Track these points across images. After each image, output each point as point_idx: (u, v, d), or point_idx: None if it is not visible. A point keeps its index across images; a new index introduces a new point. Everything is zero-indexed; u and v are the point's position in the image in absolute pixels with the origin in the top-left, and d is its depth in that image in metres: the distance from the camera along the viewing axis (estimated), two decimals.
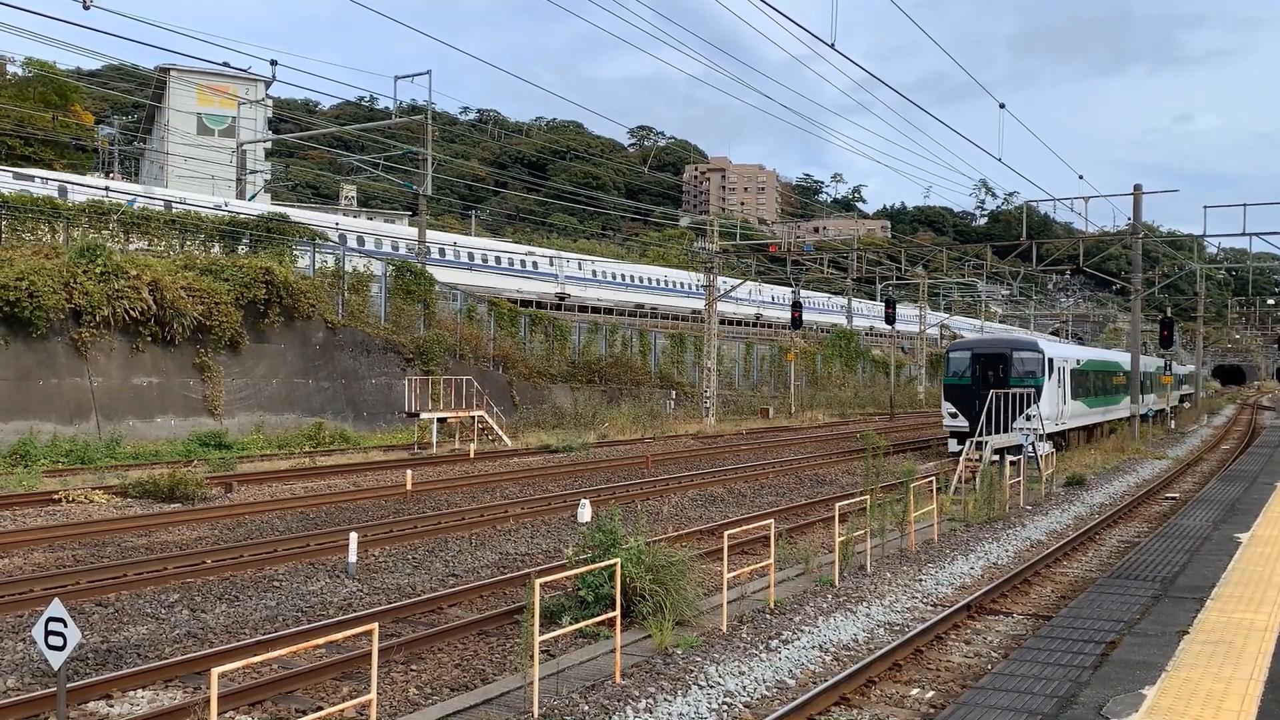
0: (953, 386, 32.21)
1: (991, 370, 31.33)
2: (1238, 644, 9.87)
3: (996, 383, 30.30)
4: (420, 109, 48.07)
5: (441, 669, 10.81)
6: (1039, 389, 30.37)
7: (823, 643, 11.67)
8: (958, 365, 32.44)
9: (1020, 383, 30.33)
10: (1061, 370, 32.91)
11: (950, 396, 32.08)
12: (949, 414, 32.02)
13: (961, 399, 31.38)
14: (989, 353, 31.90)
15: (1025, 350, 31.58)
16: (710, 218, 64.97)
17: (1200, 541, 16.20)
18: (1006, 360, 31.26)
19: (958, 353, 33.05)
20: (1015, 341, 32.76)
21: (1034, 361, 31.20)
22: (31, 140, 57.55)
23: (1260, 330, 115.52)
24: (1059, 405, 32.64)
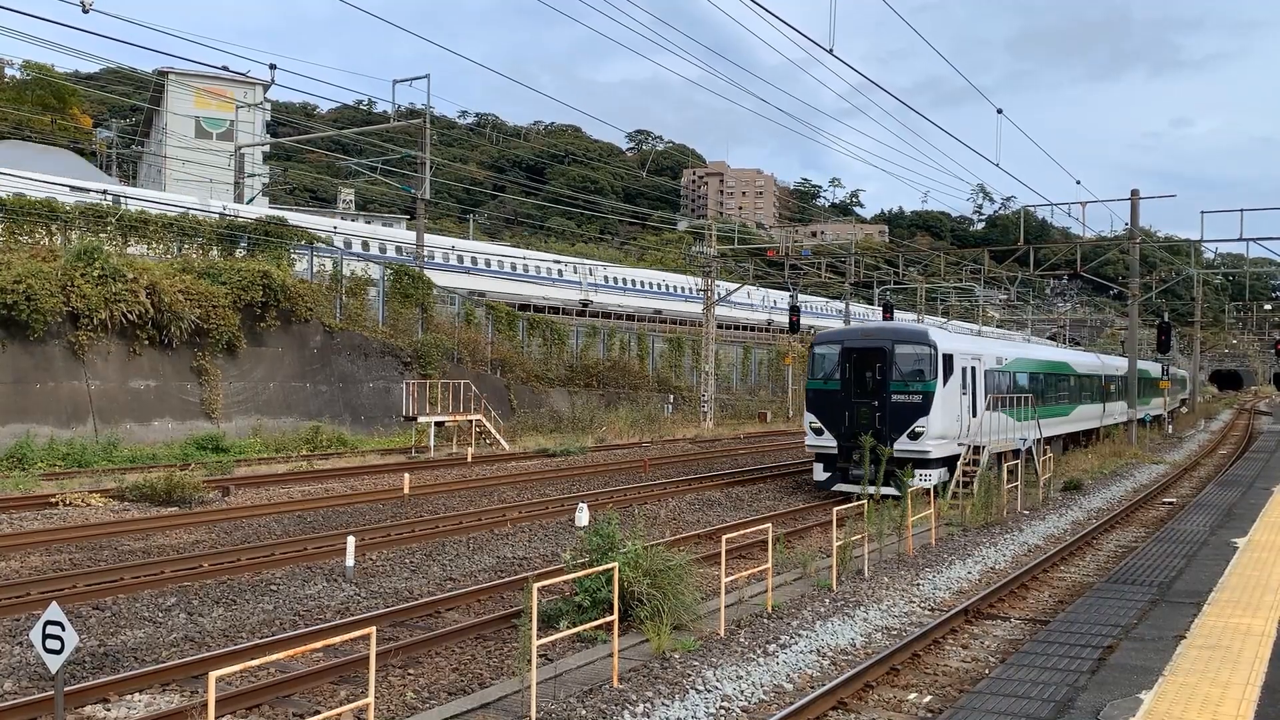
0: (818, 393, 24.27)
1: (869, 370, 23.66)
2: (1235, 649, 9.88)
3: (875, 388, 23.34)
4: (418, 112, 48.08)
5: (439, 673, 10.80)
6: (928, 395, 22.85)
7: (820, 647, 11.68)
8: (824, 363, 24.38)
9: (903, 387, 23.02)
10: (969, 371, 24.74)
11: (814, 405, 24.26)
12: (812, 429, 24.13)
13: (828, 409, 23.85)
14: (864, 346, 23.81)
15: (910, 343, 23.51)
16: (708, 222, 65.08)
17: (1198, 546, 16.22)
18: (886, 357, 23.36)
19: (824, 347, 24.52)
20: (899, 332, 24.76)
21: (921, 358, 23.21)
22: (30, 143, 57.51)
23: (1257, 335, 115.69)
24: (964, 418, 24.25)
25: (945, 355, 23.41)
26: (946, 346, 23.77)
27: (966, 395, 24.50)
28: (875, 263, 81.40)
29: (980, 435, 24.75)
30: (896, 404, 22.94)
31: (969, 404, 24.61)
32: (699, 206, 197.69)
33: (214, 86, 67.35)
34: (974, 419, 24.93)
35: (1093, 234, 53.90)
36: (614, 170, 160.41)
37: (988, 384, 26.15)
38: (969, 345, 26.33)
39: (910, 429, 22.77)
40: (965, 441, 24.10)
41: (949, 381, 23.39)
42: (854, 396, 23.49)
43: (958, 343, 25.38)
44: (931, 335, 23.78)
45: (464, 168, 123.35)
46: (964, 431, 24.22)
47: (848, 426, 23.27)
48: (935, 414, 22.81)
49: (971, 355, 25.33)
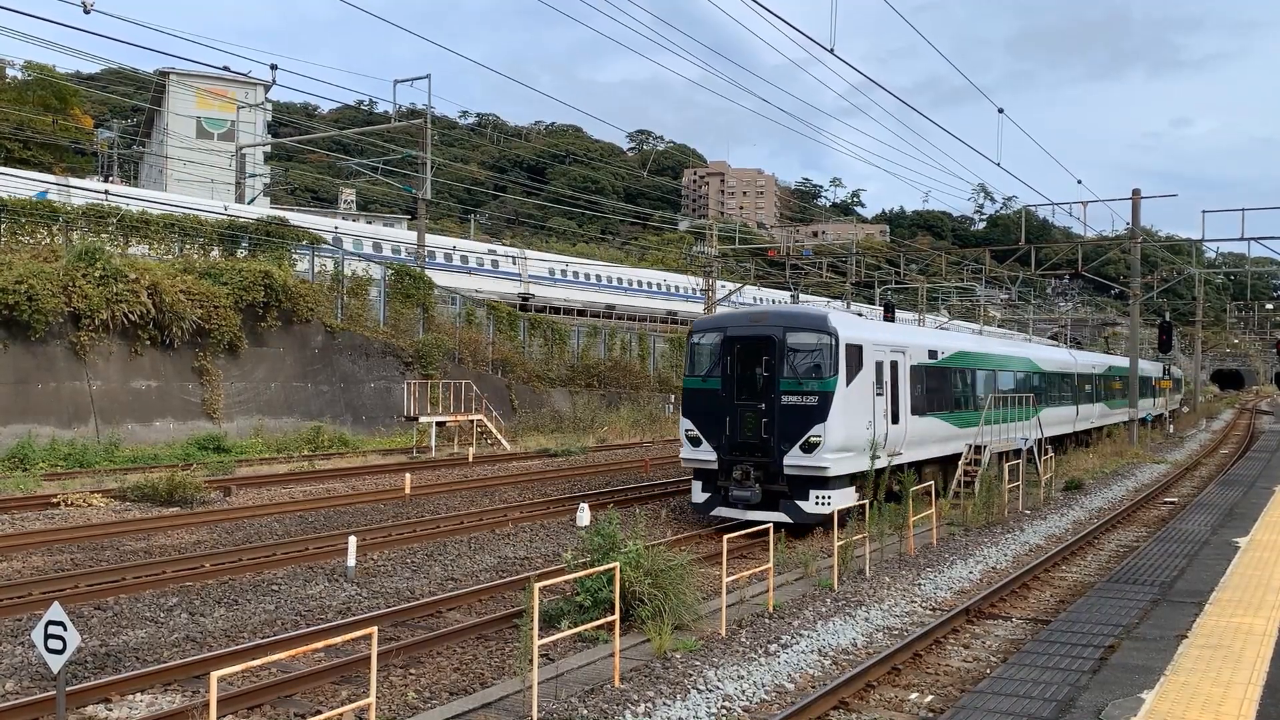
0: (696, 394, 19.68)
1: (756, 365, 19.13)
2: (1236, 648, 9.88)
3: (764, 387, 18.87)
4: (419, 113, 48.09)
5: (440, 673, 10.81)
6: (825, 396, 18.38)
7: (821, 647, 11.68)
8: (703, 357, 19.82)
9: (795, 386, 18.55)
10: (887, 367, 20.51)
11: (691, 409, 19.69)
12: (688, 439, 19.60)
13: (707, 414, 19.28)
14: (750, 335, 19.21)
15: (804, 330, 18.97)
16: (709, 222, 65.00)
17: (1199, 546, 16.21)
18: (775, 348, 18.82)
19: (703, 336, 19.93)
20: (791, 317, 19.71)
21: (818, 349, 18.72)
22: (31, 144, 57.56)
23: (1259, 335, 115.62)
24: (878, 424, 19.81)
25: (850, 346, 18.92)
26: (851, 335, 19.15)
27: (883, 396, 20.09)
28: (876, 262, 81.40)
29: (905, 445, 20.98)
30: (787, 407, 18.45)
31: (886, 407, 20.24)
32: (700, 206, 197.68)
33: (215, 87, 67.38)
34: (895, 426, 20.55)
35: (1094, 233, 53.91)
36: (615, 170, 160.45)
37: (916, 383, 21.82)
38: (887, 335, 21.64)
39: (804, 438, 18.24)
40: (885, 453, 19.66)
41: (855, 379, 18.99)
42: (737, 398, 18.99)
43: (869, 331, 20.47)
44: (831, 321, 18.97)
45: (465, 168, 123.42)
46: (879, 441, 19.55)
47: (729, 436, 18.88)
48: (835, 420, 18.29)
49: (891, 347, 20.89)
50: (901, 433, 20.95)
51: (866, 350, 19.58)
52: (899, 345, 21.50)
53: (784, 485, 18.47)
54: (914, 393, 21.68)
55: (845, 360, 18.71)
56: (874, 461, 18.75)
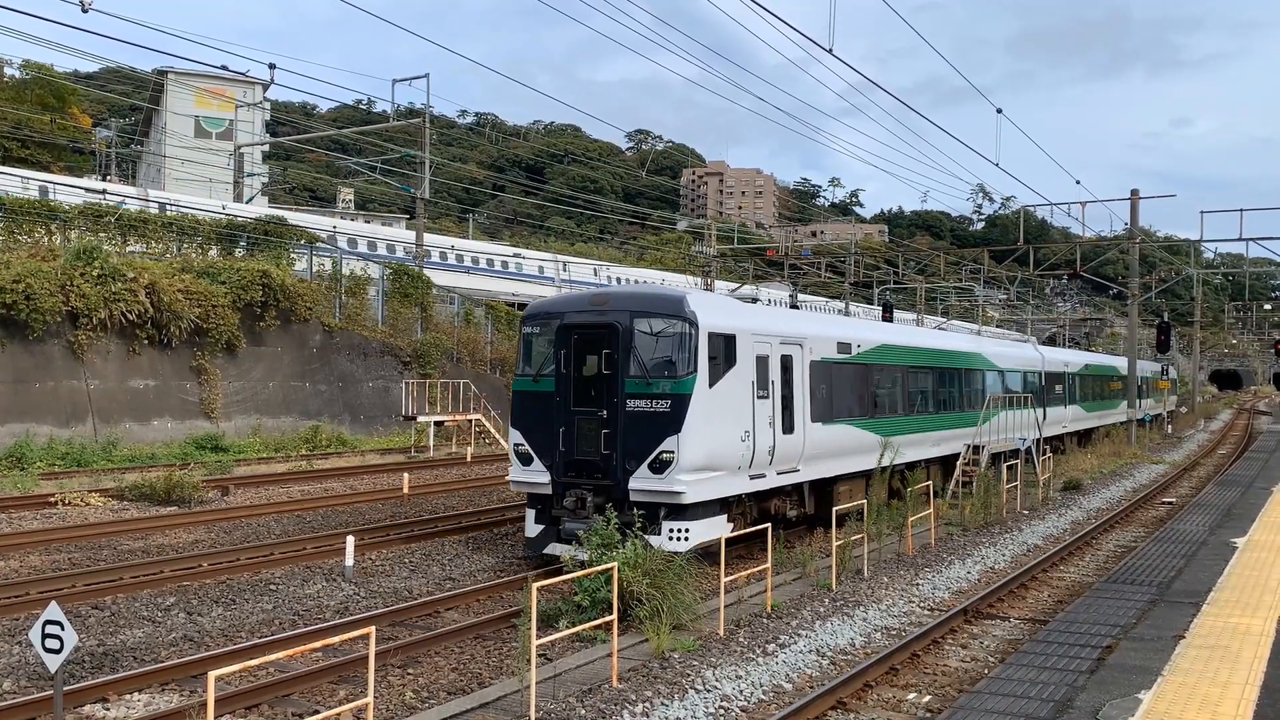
0: (526, 398, 15.79)
1: (598, 362, 15.29)
2: (1234, 649, 9.89)
3: (606, 389, 14.98)
4: (418, 112, 48.05)
5: (438, 672, 10.80)
6: (680, 401, 14.57)
7: (819, 647, 11.68)
8: (536, 350, 15.98)
9: (643, 387, 14.72)
10: (774, 363, 16.65)
11: (521, 417, 15.84)
12: (517, 455, 15.77)
13: (539, 423, 15.48)
14: (590, 323, 15.36)
15: (655, 316, 15.04)
16: (708, 221, 64.96)
17: (1197, 546, 16.23)
18: (619, 339, 14.98)
19: (535, 324, 16.06)
20: (640, 299, 15.52)
21: (673, 341, 14.94)
22: (29, 143, 57.51)
23: (1257, 335, 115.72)
24: (760, 436, 15.93)
25: (716, 336, 15.11)
26: (718, 322, 15.27)
27: (769, 399, 16.28)
28: (875, 262, 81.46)
29: (804, 460, 17.34)
30: (633, 415, 14.62)
31: (774, 413, 16.38)
32: (699, 206, 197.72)
33: (213, 86, 67.30)
34: (789, 436, 16.79)
35: (1092, 234, 53.90)
36: (613, 170, 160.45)
37: (820, 383, 18.05)
38: (776, 323, 17.58)
39: (653, 455, 14.41)
40: (774, 470, 16.35)
41: (725, 377, 15.17)
42: (575, 404, 15.15)
43: (747, 318, 16.50)
44: (690, 304, 15.03)
45: (463, 167, 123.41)
46: (763, 455, 15.95)
47: (564, 452, 15.06)
48: (693, 430, 14.42)
49: (782, 338, 16.98)
50: (797, 444, 17.11)
51: (742, 342, 15.67)
52: (793, 336, 17.45)
53: (630, 514, 14.27)
54: (816, 395, 17.88)
55: (709, 353, 14.88)
56: (756, 482, 15.60)
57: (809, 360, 17.81)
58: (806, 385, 17.64)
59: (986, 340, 33.37)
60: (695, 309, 15.06)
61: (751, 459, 15.74)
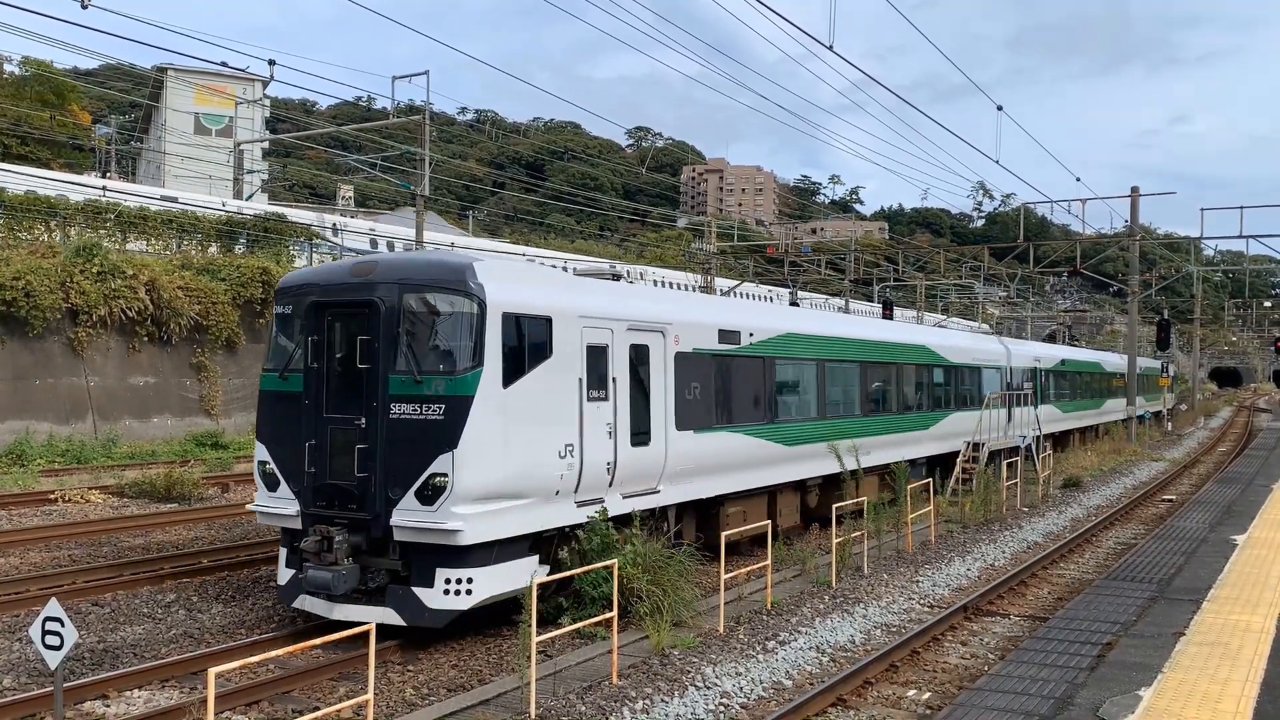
0: (273, 400, 12.25)
1: (357, 352, 11.69)
2: (1234, 646, 9.89)
3: (367, 390, 11.43)
4: (418, 109, 47.97)
5: (438, 669, 10.80)
6: (458, 405, 11.04)
7: (820, 644, 11.69)
8: (287, 337, 12.37)
9: (411, 388, 11.21)
10: (621, 355, 13.29)
11: (267, 426, 12.29)
12: (262, 475, 12.21)
13: (287, 434, 11.92)
14: (346, 300, 11.78)
15: (430, 291, 11.42)
16: (708, 219, 64.94)
17: (1197, 543, 16.23)
18: (380, 321, 11.43)
19: (286, 303, 12.42)
20: (414, 267, 11.87)
21: (452, 323, 11.40)
22: (29, 140, 57.47)
23: (1257, 332, 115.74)
24: (597, 448, 12.65)
25: (518, 319, 11.59)
26: (520, 301, 11.69)
27: (607, 403, 12.80)
28: (875, 260, 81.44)
29: (666, 478, 13.92)
30: (398, 423, 11.11)
31: (614, 421, 12.89)
32: (699, 203, 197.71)
33: (213, 83, 67.24)
34: (641, 449, 13.37)
35: (1092, 231, 53.95)
36: (613, 167, 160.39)
37: (689, 380, 14.61)
38: (613, 303, 13.47)
39: (421, 480, 10.89)
40: (612, 494, 12.85)
41: (530, 375, 11.64)
42: (328, 408, 11.60)
43: (568, 295, 12.70)
44: (477, 274, 11.37)
45: (463, 164, 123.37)
46: (599, 477, 12.59)
47: (314, 473, 11.53)
48: (474, 445, 10.90)
49: (630, 323, 13.42)
50: (654, 458, 13.66)
51: (563, 327, 12.16)
52: (649, 321, 13.81)
53: (396, 559, 11.11)
54: (686, 396, 14.46)
55: (505, 341, 11.34)
56: (588, 510, 12.31)
57: (674, 352, 14.25)
58: (670, 384, 14.09)
59: (934, 331, 29.66)
60: (484, 281, 11.33)
61: (578, 480, 12.14)
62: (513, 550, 11.56)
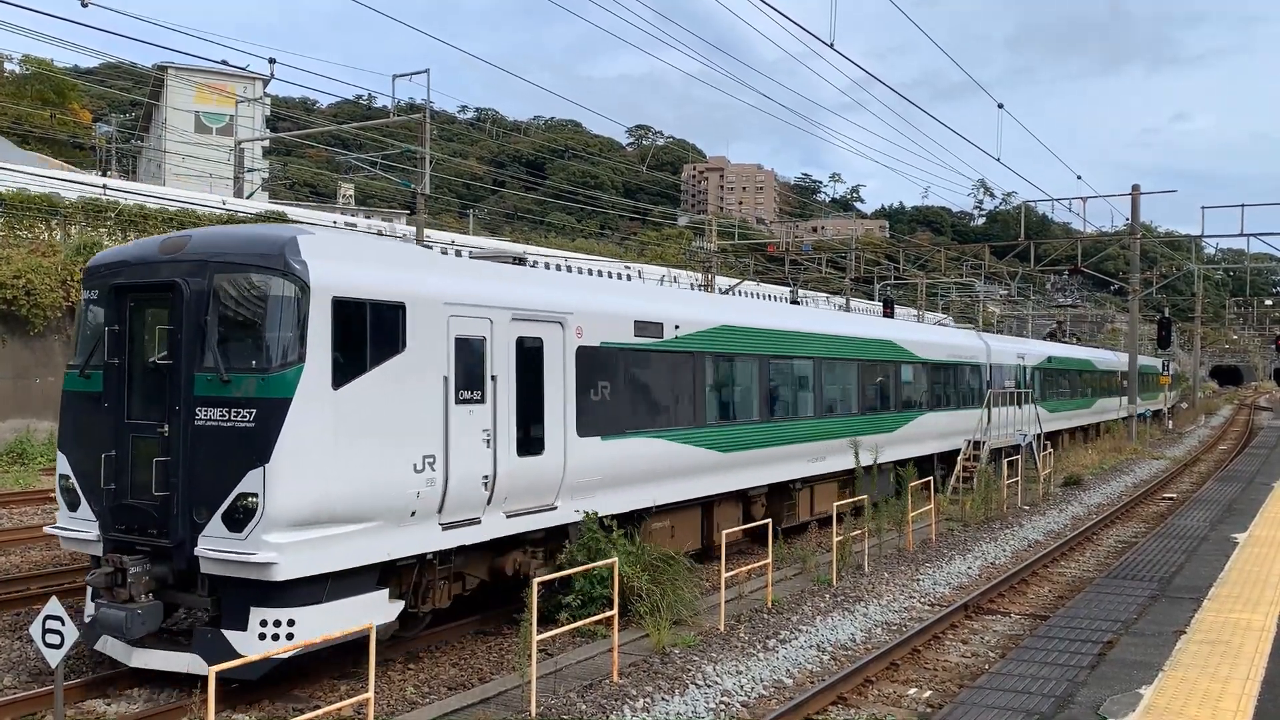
0: (75, 401, 10.26)
1: (161, 344, 9.77)
2: (1235, 644, 9.88)
3: (172, 391, 9.50)
4: (418, 107, 47.95)
5: (439, 668, 10.81)
6: (273, 413, 9.14)
7: (820, 642, 11.69)
8: (92, 329, 10.30)
9: (223, 389, 9.30)
10: (505, 350, 11.45)
11: (68, 433, 10.33)
12: (63, 490, 10.26)
13: (89, 443, 9.94)
14: (149, 283, 9.85)
15: (244, 270, 9.53)
16: (709, 217, 64.89)
17: (1198, 542, 16.22)
18: (187, 309, 9.49)
19: (93, 287, 10.35)
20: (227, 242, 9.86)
21: (264, 311, 9.48)
22: (29, 138, 57.50)
23: (1258, 331, 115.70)
24: (466, 461, 10.71)
25: (356, 305, 9.78)
26: (358, 283, 9.87)
27: (484, 406, 10.99)
28: (876, 258, 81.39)
29: (564, 492, 12.15)
30: (203, 432, 9.40)
31: (493, 427, 11.06)
32: (699, 202, 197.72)
33: (214, 81, 67.25)
34: (530, 460, 11.61)
35: (1093, 229, 53.90)
36: (614, 165, 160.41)
37: (596, 378, 12.85)
38: (492, 288, 11.52)
39: (229, 501, 9.19)
40: (492, 513, 11.11)
41: (374, 372, 9.85)
42: (130, 413, 9.87)
43: (428, 277, 10.77)
44: (300, 250, 9.59)
45: (464, 163, 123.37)
46: (471, 493, 10.79)
47: (113, 490, 9.75)
48: (292, 459, 9.17)
49: (510, 311, 11.53)
50: (550, 470, 11.86)
51: (421, 315, 10.30)
52: (542, 309, 12.00)
53: (204, 595, 9.40)
54: (592, 396, 12.70)
55: (336, 332, 9.52)
56: (457, 533, 10.59)
57: (576, 346, 12.47)
58: (571, 383, 12.32)
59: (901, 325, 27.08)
60: (310, 258, 9.47)
61: (442, 498, 10.35)
62: (352, 584, 9.66)
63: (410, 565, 10.43)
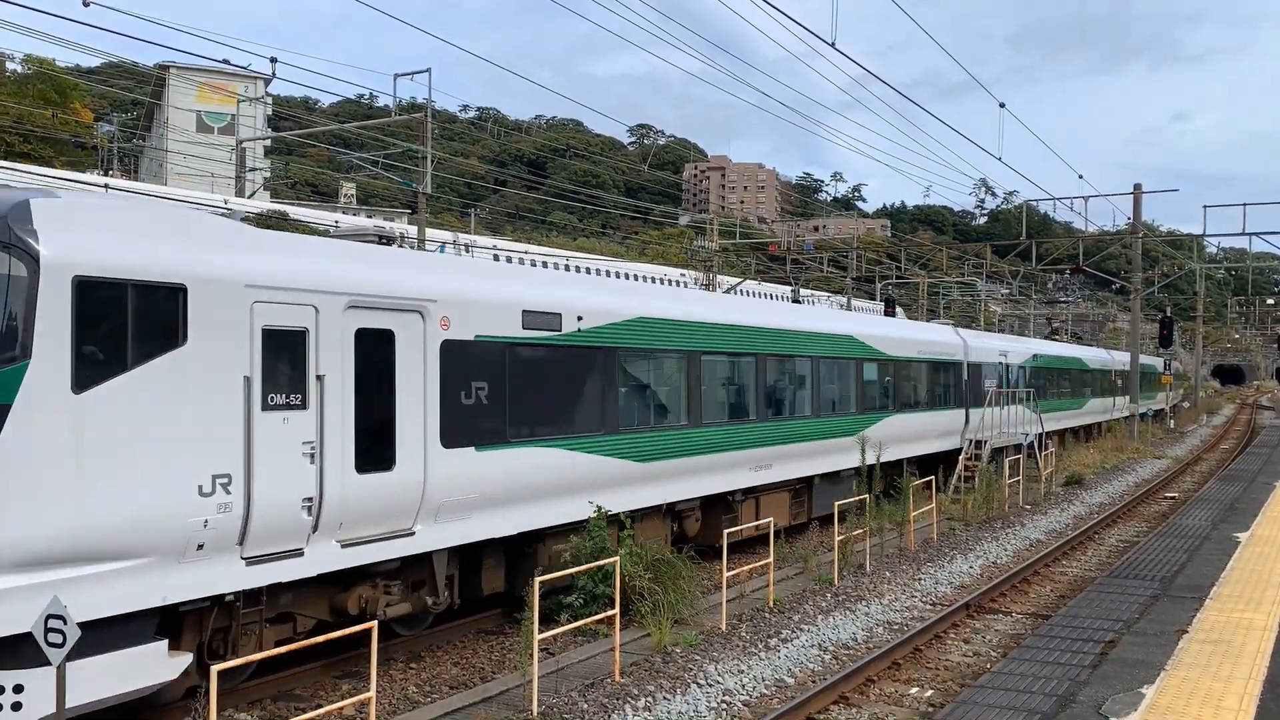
0: None
1: None
2: (1237, 643, 9.87)
3: None
4: (420, 107, 47.97)
5: (440, 667, 10.82)
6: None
7: (822, 641, 11.69)
8: None
9: None
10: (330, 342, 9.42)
11: None
12: None
13: None
14: None
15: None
16: (710, 216, 64.90)
17: (1199, 541, 16.21)
18: None
19: None
20: None
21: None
22: (31, 138, 57.51)
23: (1259, 330, 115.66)
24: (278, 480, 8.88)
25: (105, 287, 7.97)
26: (109, 259, 7.97)
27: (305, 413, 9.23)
28: (877, 258, 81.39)
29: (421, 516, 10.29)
30: None
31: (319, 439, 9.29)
32: (700, 201, 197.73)
33: (215, 81, 67.32)
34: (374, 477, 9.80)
35: (1095, 229, 53.90)
36: (615, 164, 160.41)
37: (469, 379, 10.99)
38: (296, 262, 9.48)
39: None
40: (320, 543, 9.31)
41: (136, 370, 8.07)
42: None
43: (223, 250, 8.89)
44: (32, 219, 7.69)
45: (465, 162, 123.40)
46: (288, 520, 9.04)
47: None
48: (8, 479, 7.36)
49: (347, 297, 9.70)
50: (404, 489, 10.05)
51: (209, 300, 8.54)
52: (391, 296, 10.10)
53: None
54: (458, 400, 10.77)
55: (78, 322, 7.78)
56: (266, 568, 8.85)
57: (441, 340, 10.57)
58: (434, 383, 10.44)
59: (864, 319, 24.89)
60: (43, 226, 7.70)
61: (243, 527, 8.62)
62: (114, 636, 7.80)
63: (198, 609, 8.57)
